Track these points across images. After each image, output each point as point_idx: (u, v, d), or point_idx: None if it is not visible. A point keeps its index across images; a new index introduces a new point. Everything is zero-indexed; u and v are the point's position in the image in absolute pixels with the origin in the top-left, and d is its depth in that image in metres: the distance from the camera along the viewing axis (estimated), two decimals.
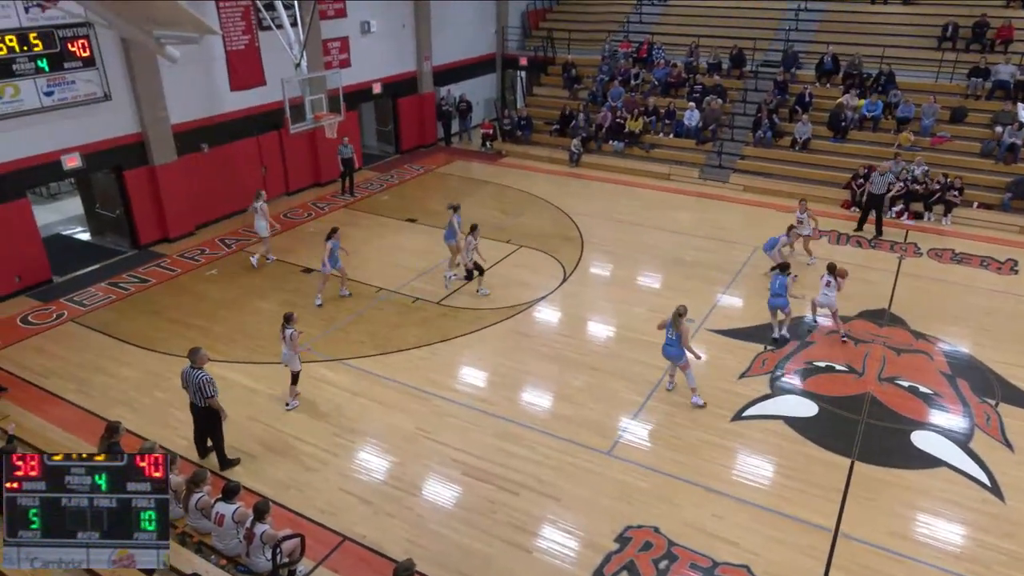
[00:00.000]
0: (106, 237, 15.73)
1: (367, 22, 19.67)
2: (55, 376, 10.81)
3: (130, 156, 14.60)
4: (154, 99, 14.60)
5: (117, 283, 13.79)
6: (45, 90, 12.79)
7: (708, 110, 20.27)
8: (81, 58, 13.19)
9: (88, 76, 13.38)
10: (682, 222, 16.88)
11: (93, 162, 14.04)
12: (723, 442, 9.35)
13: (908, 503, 8.37)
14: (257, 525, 6.87)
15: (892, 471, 8.85)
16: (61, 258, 14.48)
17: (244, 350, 11.52)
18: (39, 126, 12.95)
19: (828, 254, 14.99)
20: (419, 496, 8.48)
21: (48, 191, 18.46)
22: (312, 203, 18.08)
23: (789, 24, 22.42)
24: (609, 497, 8.42)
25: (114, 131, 14.20)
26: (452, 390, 10.50)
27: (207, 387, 8.43)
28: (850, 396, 10.30)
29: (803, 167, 18.87)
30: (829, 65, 20.39)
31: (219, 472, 8.66)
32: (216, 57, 15.58)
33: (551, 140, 22.11)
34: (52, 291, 13.47)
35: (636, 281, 14.03)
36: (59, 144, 13.37)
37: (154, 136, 14.74)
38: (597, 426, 9.64)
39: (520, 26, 26.18)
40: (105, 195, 15.38)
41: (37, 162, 13.13)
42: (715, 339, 11.77)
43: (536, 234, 16.06)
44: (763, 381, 10.66)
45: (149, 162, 14.88)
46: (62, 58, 12.91)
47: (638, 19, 24.97)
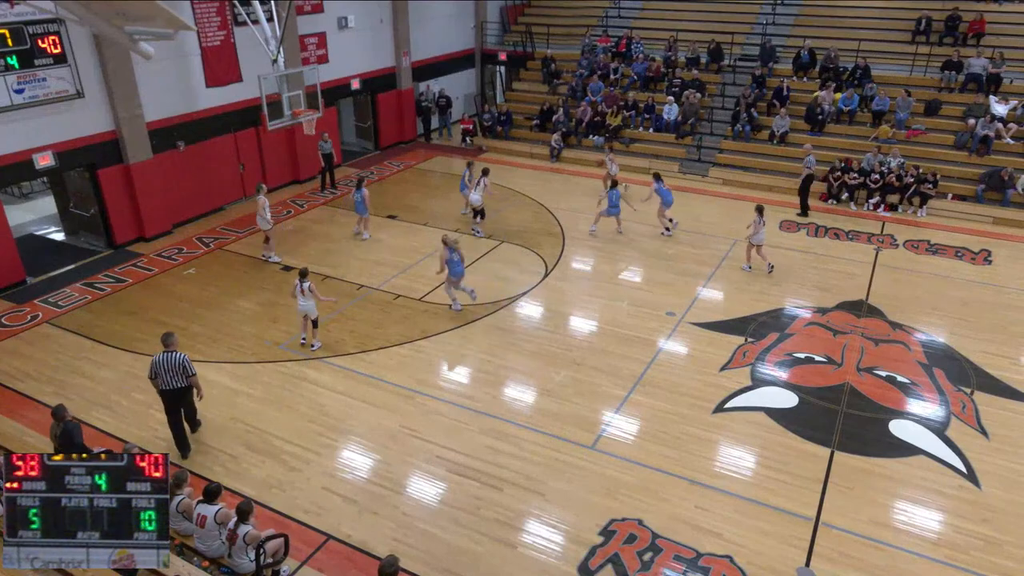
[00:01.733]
0: (81, 237, 15.48)
1: (344, 17, 19.52)
2: (31, 379, 10.64)
3: (104, 154, 14.37)
4: (128, 96, 14.38)
5: (93, 283, 13.59)
6: (15, 88, 12.54)
7: (687, 104, 20.37)
8: (52, 55, 12.95)
9: (60, 73, 13.14)
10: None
11: (66, 160, 13.81)
12: (706, 434, 9.43)
13: (887, 491, 8.50)
14: (240, 526, 6.82)
15: (871, 460, 8.98)
16: (35, 258, 14.25)
17: (225, 350, 11.41)
18: (10, 124, 12.71)
19: (807, 247, 15.17)
20: (404, 494, 8.46)
21: (20, 190, 18.15)
22: (291, 200, 17.93)
23: (766, 18, 22.60)
24: (594, 491, 8.46)
25: (87, 129, 13.97)
26: (436, 387, 10.48)
27: (190, 365, 8.68)
28: (829, 387, 10.42)
29: (781, 160, 19.03)
30: (806, 59, 20.57)
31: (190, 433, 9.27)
32: (191, 53, 15.41)
33: (531, 135, 22.11)
34: (26, 292, 13.24)
35: (618, 275, 14.08)
36: (31, 142, 13.13)
37: (129, 134, 14.52)
38: (581, 420, 9.68)
39: (499, 21, 26.13)
40: (79, 194, 15.13)
41: (8, 161, 12.89)
42: (697, 332, 11.86)
43: (517, 229, 16.06)
44: (744, 373, 10.75)
45: (124, 160, 14.66)
46: (32, 55, 12.66)
47: (617, 14, 25.03)
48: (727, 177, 19.03)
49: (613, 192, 15.37)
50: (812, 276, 13.90)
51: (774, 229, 15.85)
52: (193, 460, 8.91)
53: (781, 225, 16.28)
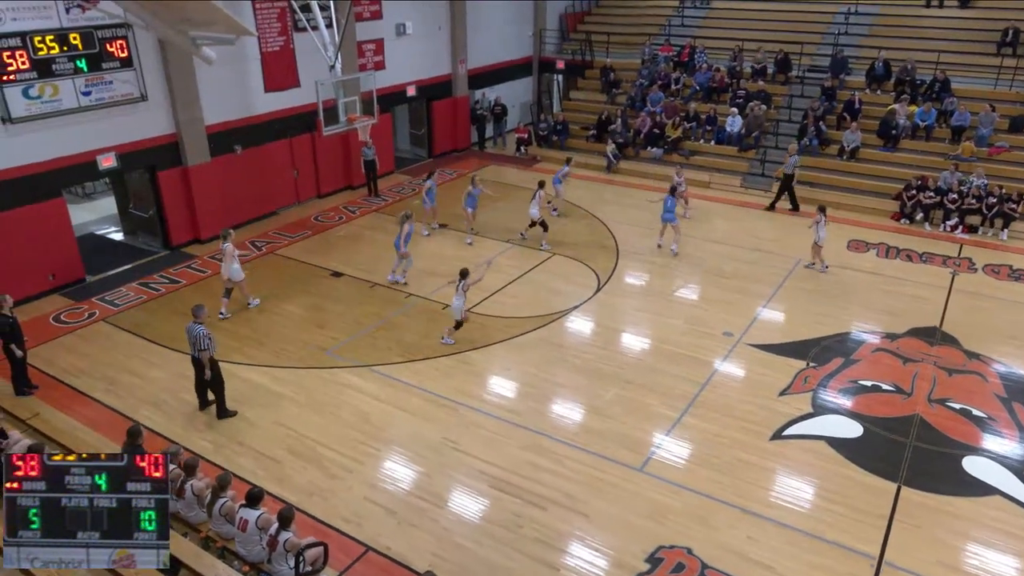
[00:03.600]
0: (138, 237, 16.13)
1: (403, 24, 19.91)
2: (85, 375, 11.09)
3: (164, 156, 14.96)
4: (190, 100, 14.95)
5: (148, 283, 14.12)
6: (83, 90, 13.18)
7: (751, 116, 20.07)
8: (119, 58, 13.57)
9: (125, 76, 13.75)
10: (722, 232, 16.71)
11: (128, 162, 14.42)
12: (761, 462, 9.20)
13: (958, 532, 8.14)
14: (281, 533, 6.94)
15: (941, 498, 8.63)
16: (94, 257, 14.86)
17: (270, 354, 11.69)
18: (76, 126, 13.35)
19: (876, 268, 14.73)
20: (444, 508, 8.50)
21: (83, 190, 18.99)
22: (343, 206, 18.31)
23: (838, 28, 22.08)
24: (640, 515, 8.33)
25: (149, 131, 14.57)
26: (480, 400, 10.52)
27: (202, 340, 9.59)
28: (897, 417, 10.08)
29: (851, 177, 18.55)
30: (880, 71, 20.04)
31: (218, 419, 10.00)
32: (251, 58, 15.92)
33: (587, 146, 22.07)
34: (84, 290, 13.85)
35: (673, 292, 13.90)
36: (95, 144, 13.76)
37: (188, 137, 15.09)
38: (629, 441, 9.56)
39: (558, 28, 26.25)
40: (138, 195, 15.79)
41: (73, 161, 13.52)
42: (755, 354, 11.61)
43: (570, 242, 16.04)
44: (805, 399, 10.48)
45: (183, 163, 15.23)
46: (100, 58, 13.29)
47: (680, 22, 24.85)
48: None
49: (669, 198, 15.09)
50: (881, 299, 13.47)
51: (841, 249, 15.47)
52: (236, 463, 9.13)
53: (849, 245, 15.84)
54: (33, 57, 12.37)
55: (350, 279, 14.26)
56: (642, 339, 12.25)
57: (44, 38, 12.47)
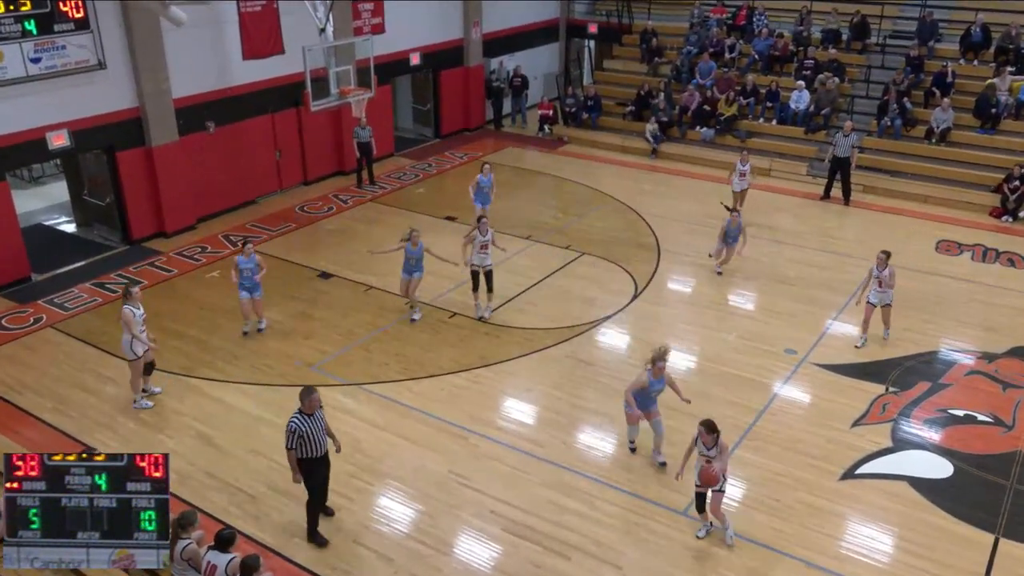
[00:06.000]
0: (94, 229, 16.34)
1: None
2: (29, 391, 11.23)
3: (125, 135, 15.14)
4: (155, 69, 15.12)
5: (104, 284, 14.27)
6: (31, 56, 13.35)
7: (821, 91, 19.97)
8: (74, 20, 13.73)
9: (81, 41, 13.93)
10: (785, 229, 16.64)
11: (82, 140, 14.61)
12: (831, 505, 9.13)
13: None
14: None
15: None
16: (42, 252, 15.06)
17: (248, 369, 11.77)
18: (23, 98, 13.52)
19: (971, 274, 14.57)
20: (450, 555, 8.49)
21: (31, 174, 19.29)
22: (333, 195, 18.43)
23: None
24: (683, 568, 8.29)
25: (108, 105, 14.76)
26: (494, 427, 10.52)
27: (285, 436, 8.19)
28: (996, 454, 9.98)
29: (941, 164, 18.45)
30: (978, 37, 19.87)
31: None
32: (228, 20, 16.07)
33: (624, 125, 22.09)
34: (30, 291, 14.03)
35: (725, 301, 13.86)
36: (45, 119, 13.94)
37: (153, 111, 15.25)
38: (671, 479, 9.50)
39: None
40: (94, 180, 15.99)
41: (19, 140, 13.72)
42: (823, 376, 11.54)
43: (602, 239, 16.03)
44: (883, 431, 10.39)
45: (146, 142, 15.41)
46: (52, 19, 13.46)
47: None
48: (869, 183, 18.52)
49: (730, 226, 13.90)
50: (977, 312, 13.35)
51: (930, 251, 15.38)
52: (206, 498, 9.19)
53: (938, 246, 15.70)
54: None
55: (341, 281, 14.33)
56: (687, 357, 12.20)
57: None
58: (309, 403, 8.08)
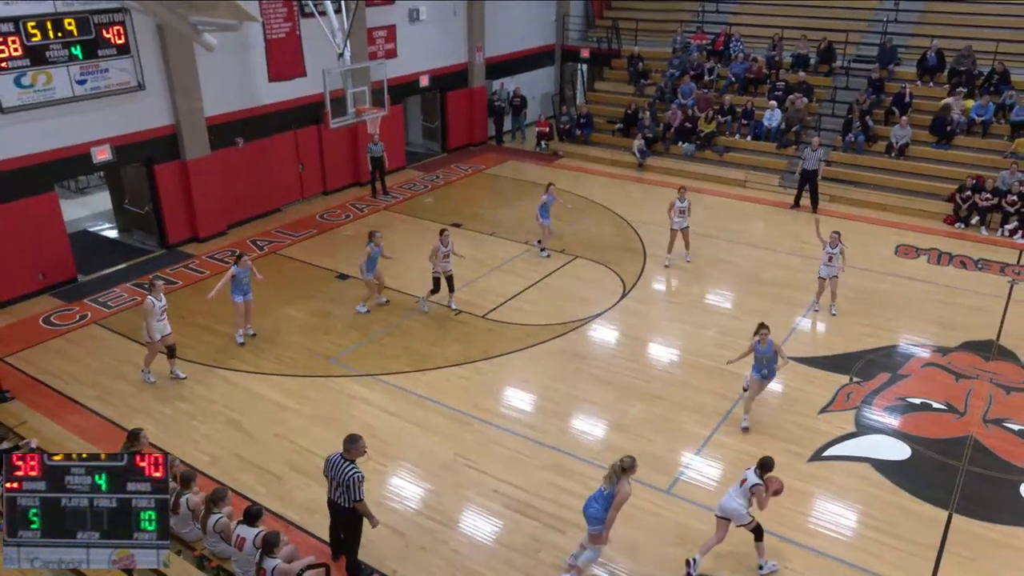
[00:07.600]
0: (134, 235, 16.33)
1: (416, 9, 20.01)
2: (76, 381, 11.22)
3: (162, 149, 15.13)
4: (189, 89, 15.11)
5: (143, 284, 14.22)
6: (78, 78, 13.36)
7: (791, 110, 19.95)
8: (116, 45, 13.73)
9: (122, 64, 13.92)
10: (759, 235, 16.63)
11: (123, 155, 14.60)
12: (800, 485, 9.10)
13: (1015, 565, 8.02)
14: (266, 560, 6.87)
15: (997, 527, 8.51)
16: (87, 256, 15.05)
17: (272, 361, 11.76)
18: (70, 116, 13.53)
19: (928, 275, 14.57)
20: (456, 530, 8.50)
21: (76, 185, 19.27)
22: (351, 204, 18.41)
23: (887, 15, 21.87)
24: (667, 541, 8.29)
25: (146, 123, 14.74)
26: (496, 414, 10.51)
27: (355, 488, 7.39)
28: (949, 439, 9.96)
29: (900, 176, 18.39)
30: (933, 61, 19.84)
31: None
32: (255, 45, 16.06)
33: (614, 140, 22.05)
34: (76, 291, 14.02)
35: (705, 300, 13.84)
36: (90, 135, 13.93)
37: (187, 128, 15.25)
38: (656, 460, 9.51)
39: (583, 15, 26.28)
40: (134, 190, 15.97)
41: (66, 154, 13.71)
42: (794, 367, 11.51)
43: (594, 244, 16.01)
44: (848, 417, 10.39)
45: (181, 156, 15.39)
46: (96, 45, 13.46)
47: (714, 8, 24.76)
48: (835, 193, 18.46)
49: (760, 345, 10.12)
50: (933, 310, 13.33)
51: (890, 255, 15.37)
52: (234, 478, 9.18)
53: (898, 250, 15.69)
54: (26, 44, 12.54)
55: (357, 282, 14.31)
56: (671, 350, 12.19)
57: (37, 23, 12.63)
58: (358, 449, 7.50)
